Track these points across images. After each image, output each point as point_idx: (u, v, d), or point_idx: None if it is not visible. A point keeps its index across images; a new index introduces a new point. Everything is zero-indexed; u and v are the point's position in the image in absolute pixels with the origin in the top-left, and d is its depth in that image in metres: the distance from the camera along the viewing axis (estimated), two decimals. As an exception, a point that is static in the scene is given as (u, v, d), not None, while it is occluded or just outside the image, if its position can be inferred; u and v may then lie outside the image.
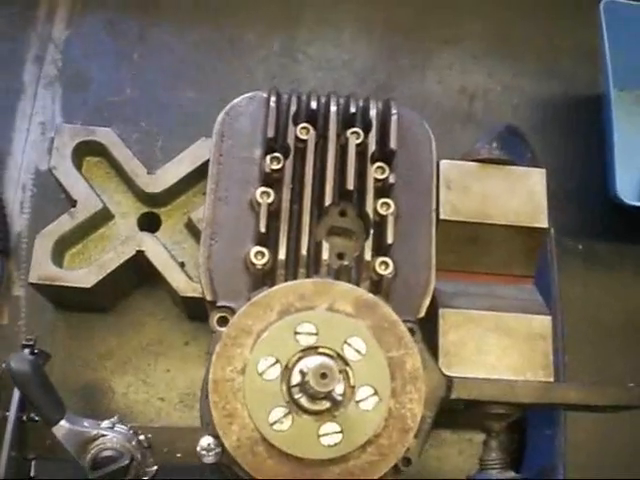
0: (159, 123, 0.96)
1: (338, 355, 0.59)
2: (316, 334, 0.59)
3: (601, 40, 0.97)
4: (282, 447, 0.57)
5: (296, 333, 0.59)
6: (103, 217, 0.82)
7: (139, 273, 0.82)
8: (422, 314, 0.68)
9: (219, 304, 0.66)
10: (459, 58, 1.05)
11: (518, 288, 0.77)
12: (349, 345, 0.60)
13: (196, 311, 0.81)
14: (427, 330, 0.69)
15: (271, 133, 0.68)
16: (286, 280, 0.64)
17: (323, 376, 0.56)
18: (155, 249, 0.78)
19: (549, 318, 0.73)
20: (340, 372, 0.59)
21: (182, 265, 0.80)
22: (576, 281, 0.95)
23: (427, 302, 0.68)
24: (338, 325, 0.60)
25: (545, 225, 0.75)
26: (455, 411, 0.71)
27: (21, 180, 0.93)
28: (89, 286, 0.77)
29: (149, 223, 0.83)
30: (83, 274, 0.77)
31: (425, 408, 0.62)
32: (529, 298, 0.76)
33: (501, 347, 0.71)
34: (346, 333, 0.60)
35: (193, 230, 0.81)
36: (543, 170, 0.77)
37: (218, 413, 0.58)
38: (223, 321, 0.65)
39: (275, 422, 0.57)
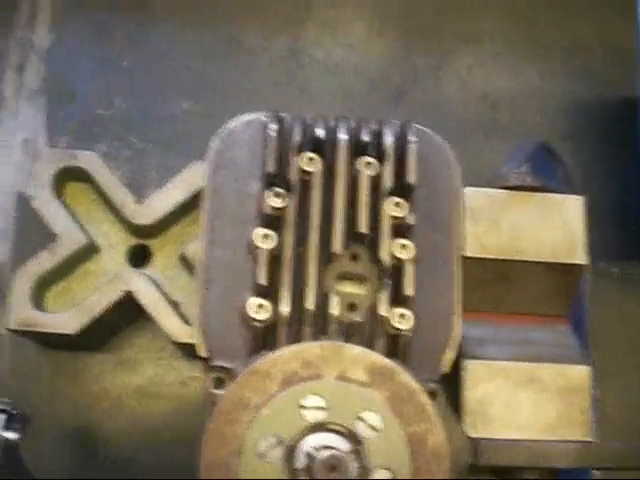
0: (153, 138, 0.88)
1: (350, 432, 0.51)
2: (325, 408, 0.51)
3: (638, 38, 0.87)
4: (286, 542, 0.50)
5: (301, 407, 0.51)
6: (88, 251, 0.73)
7: (129, 312, 0.74)
8: (445, 370, 0.60)
9: (214, 364, 0.58)
10: (480, 59, 0.96)
11: (552, 331, 0.69)
12: (362, 420, 0.52)
13: (193, 352, 0.73)
14: (449, 383, 0.61)
15: (271, 168, 0.59)
16: (289, 339, 0.56)
17: (332, 469, 0.48)
18: (145, 290, 0.70)
19: (588, 368, 0.65)
20: (352, 453, 0.51)
21: (176, 305, 0.72)
22: (610, 307, 0.86)
23: (451, 356, 0.60)
24: (350, 397, 0.52)
25: (584, 261, 0.67)
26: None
27: (2, 205, 0.85)
28: (72, 333, 0.69)
29: (139, 256, 0.75)
30: (66, 319, 0.69)
31: (448, 478, 0.54)
32: (565, 343, 0.68)
33: (534, 403, 0.64)
34: (359, 407, 0.52)
35: (188, 264, 0.73)
36: (581, 198, 0.69)
37: (212, 503, 0.51)
38: (219, 383, 0.57)
39: (278, 513, 0.50)
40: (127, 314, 0.75)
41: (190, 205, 0.73)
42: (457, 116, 0.92)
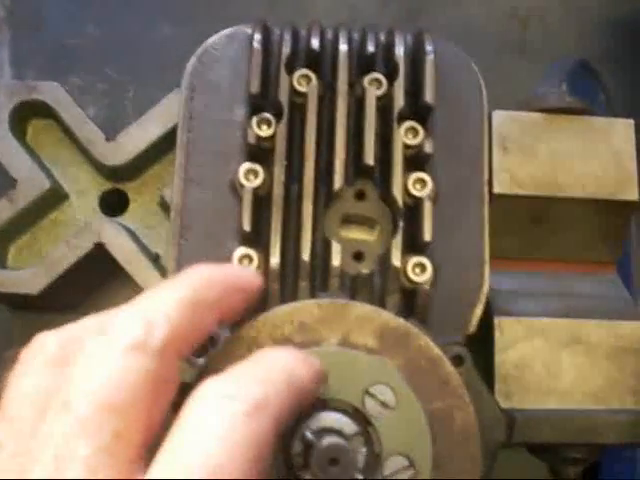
0: (130, 69, 0.77)
1: (356, 411, 0.41)
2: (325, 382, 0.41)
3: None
4: None
5: (295, 381, 0.41)
6: (54, 198, 0.63)
7: (106, 267, 0.64)
8: (472, 329, 0.50)
9: (193, 328, 0.48)
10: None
11: (598, 280, 0.58)
12: (372, 396, 0.41)
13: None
14: (476, 345, 0.51)
15: (256, 87, 0.48)
16: (282, 298, 0.46)
17: (333, 462, 0.38)
18: (118, 240, 0.60)
19: (642, 324, 0.54)
20: (359, 436, 0.41)
21: (156, 258, 0.62)
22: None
23: (479, 312, 0.50)
24: (356, 367, 0.42)
25: (636, 197, 0.56)
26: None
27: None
28: (36, 292, 0.59)
29: (114, 203, 0.65)
30: (28, 277, 0.60)
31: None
32: (614, 295, 0.57)
33: (578, 367, 0.53)
34: (367, 379, 0.41)
35: (169, 210, 0.62)
36: (630, 121, 0.57)
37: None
38: (200, 349, 0.47)
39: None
40: (103, 269, 0.65)
41: (170, 141, 0.62)
42: (481, 36, 0.80)
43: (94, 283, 0.70)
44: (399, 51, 0.50)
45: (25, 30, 0.78)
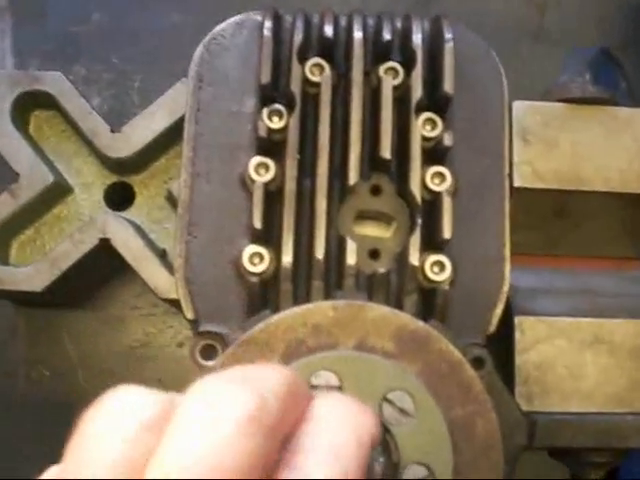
0: (136, 58, 0.75)
1: (374, 418, 0.39)
2: (340, 388, 0.39)
3: None
4: None
5: (311, 387, 0.39)
6: (58, 192, 0.61)
7: (111, 262, 0.62)
8: (492, 330, 0.48)
9: (202, 329, 0.46)
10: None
11: (622, 277, 0.56)
12: (390, 403, 0.39)
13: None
14: (495, 344, 0.49)
15: (266, 77, 0.46)
16: (295, 298, 0.44)
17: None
18: (124, 236, 0.58)
19: (669, 323, 0.52)
20: (377, 444, 0.39)
21: (163, 254, 0.60)
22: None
23: (499, 312, 0.48)
24: (373, 373, 0.40)
25: (662, 190, 0.54)
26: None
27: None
28: (39, 290, 0.57)
29: (120, 197, 0.63)
30: (31, 274, 0.58)
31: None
32: (639, 292, 0.55)
33: (601, 368, 0.51)
34: (385, 385, 0.39)
35: (177, 204, 0.60)
36: (656, 110, 0.55)
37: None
38: (209, 351, 0.46)
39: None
40: (108, 265, 0.63)
41: (177, 132, 0.60)
42: (498, 23, 0.77)
43: (99, 279, 0.68)
44: (416, 38, 0.47)
45: (28, 17, 0.76)
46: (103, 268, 0.66)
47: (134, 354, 0.69)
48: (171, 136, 0.61)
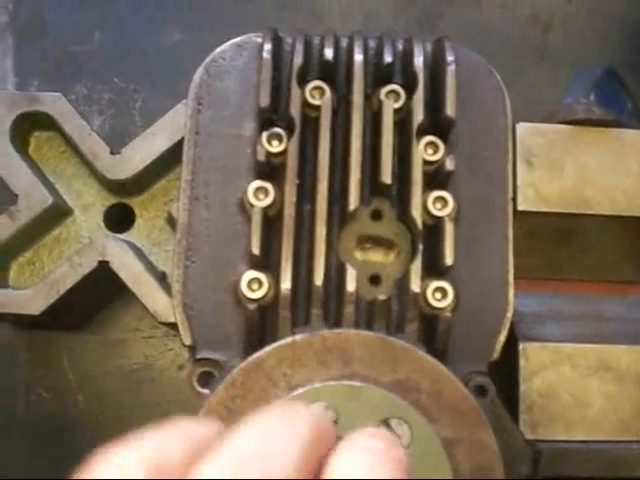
0: (137, 77, 0.74)
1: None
2: (335, 422, 0.38)
3: None
4: None
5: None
6: (57, 213, 0.61)
7: (111, 284, 0.61)
8: (496, 357, 0.47)
9: (200, 356, 0.45)
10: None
11: (628, 302, 0.55)
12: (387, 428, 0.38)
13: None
14: (499, 370, 0.48)
15: (266, 100, 0.45)
16: (293, 324, 0.43)
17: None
18: (123, 258, 0.57)
19: (677, 350, 0.51)
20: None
21: (163, 277, 0.59)
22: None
23: (503, 339, 0.47)
24: (369, 405, 0.39)
25: (668, 214, 0.53)
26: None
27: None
28: (37, 313, 0.57)
29: (120, 218, 0.62)
30: (28, 297, 0.57)
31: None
32: (646, 318, 0.54)
33: (607, 395, 0.50)
34: (382, 413, 0.39)
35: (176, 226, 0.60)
36: (663, 133, 0.54)
37: None
38: (207, 378, 0.45)
39: None
40: (108, 287, 0.62)
41: (178, 154, 0.59)
42: (501, 42, 0.77)
43: (100, 301, 0.67)
44: (418, 61, 0.47)
45: (29, 37, 0.76)
46: (103, 290, 0.65)
47: (134, 377, 0.68)
48: (171, 158, 0.60)
